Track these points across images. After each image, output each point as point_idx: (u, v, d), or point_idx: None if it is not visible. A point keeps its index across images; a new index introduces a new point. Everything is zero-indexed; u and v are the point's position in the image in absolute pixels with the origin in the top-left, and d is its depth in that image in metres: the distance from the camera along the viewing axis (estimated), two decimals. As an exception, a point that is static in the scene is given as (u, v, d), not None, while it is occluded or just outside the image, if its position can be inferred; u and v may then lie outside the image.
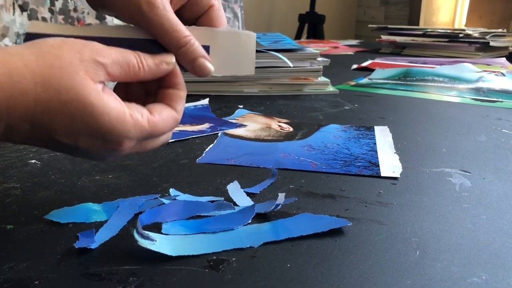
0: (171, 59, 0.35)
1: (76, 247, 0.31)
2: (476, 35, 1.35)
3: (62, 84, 0.29)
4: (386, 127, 0.62)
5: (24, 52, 0.28)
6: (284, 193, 0.38)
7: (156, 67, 0.34)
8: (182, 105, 0.36)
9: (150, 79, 0.34)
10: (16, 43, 1.24)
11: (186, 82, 0.52)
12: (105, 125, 0.30)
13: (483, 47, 1.33)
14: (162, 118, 0.34)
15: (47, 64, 0.28)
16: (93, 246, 0.32)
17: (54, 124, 0.29)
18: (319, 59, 0.83)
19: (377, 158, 0.50)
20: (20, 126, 0.29)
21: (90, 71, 0.30)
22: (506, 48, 1.41)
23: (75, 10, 1.33)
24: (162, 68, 0.35)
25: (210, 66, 0.37)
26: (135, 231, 0.31)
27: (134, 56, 0.33)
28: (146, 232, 0.31)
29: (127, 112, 0.31)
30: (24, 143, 0.31)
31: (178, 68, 0.36)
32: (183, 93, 0.37)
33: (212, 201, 0.38)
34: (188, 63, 0.36)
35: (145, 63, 0.33)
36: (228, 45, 0.38)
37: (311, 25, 2.73)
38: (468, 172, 0.47)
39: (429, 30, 1.46)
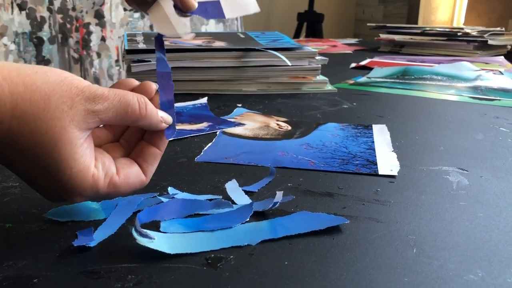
0: (171, 120, 0.35)
1: (75, 245, 0.31)
2: (474, 33, 1.35)
3: (39, 126, 0.28)
4: (384, 125, 0.62)
5: (16, 81, 0.28)
6: (282, 191, 0.39)
7: (156, 124, 0.34)
8: (155, 165, 0.35)
9: (146, 125, 0.34)
10: (14, 42, 1.24)
11: (185, 81, 0.52)
12: (63, 178, 0.29)
13: (482, 46, 1.33)
14: (127, 182, 0.33)
15: (32, 101, 0.28)
16: (92, 244, 0.32)
17: (17, 157, 0.29)
18: (318, 57, 0.84)
19: (375, 156, 0.51)
20: None
21: (76, 119, 0.29)
22: (504, 46, 1.41)
23: (73, 9, 1.33)
24: (160, 126, 0.34)
25: (193, 1, 0.38)
26: (133, 229, 0.31)
27: (135, 99, 0.32)
28: (145, 230, 0.32)
29: (91, 171, 0.31)
30: None
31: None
32: (160, 153, 0.35)
33: (211, 200, 0.38)
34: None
35: (148, 110, 0.32)
36: None
37: (310, 24, 2.73)
38: (466, 170, 0.47)
39: (428, 28, 1.46)
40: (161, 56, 0.37)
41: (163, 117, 0.34)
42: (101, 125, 0.33)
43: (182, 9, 0.39)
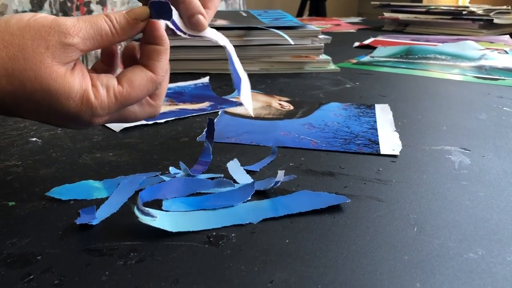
0: (145, 13, 0.33)
1: (78, 223, 0.32)
2: (480, 12, 1.33)
3: (26, 75, 0.29)
4: (387, 105, 0.62)
5: None
6: (284, 171, 0.39)
7: (131, 28, 0.33)
8: (163, 60, 0.34)
9: (127, 39, 0.34)
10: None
11: (186, 60, 0.52)
12: (70, 108, 0.31)
13: (487, 25, 1.32)
14: (134, 86, 0.33)
15: (10, 56, 0.29)
16: (94, 222, 0.32)
17: (23, 110, 0.31)
18: (321, 36, 0.83)
19: (377, 136, 0.51)
20: None
21: (57, 55, 0.30)
22: (510, 25, 1.40)
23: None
24: (138, 27, 0.33)
25: (205, 23, 0.36)
26: (135, 207, 0.31)
27: (105, 23, 0.32)
28: (147, 208, 0.32)
29: (91, 92, 0.31)
30: None
31: (158, 22, 0.34)
32: (163, 48, 0.34)
33: (212, 179, 0.38)
34: (185, 18, 0.36)
35: (117, 27, 0.32)
36: None
37: (313, 3, 2.69)
38: (468, 150, 0.47)
39: (432, 7, 1.44)
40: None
41: (135, 16, 0.33)
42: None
43: (190, 30, 0.36)
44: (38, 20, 0.30)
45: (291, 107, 0.61)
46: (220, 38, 0.38)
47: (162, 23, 0.35)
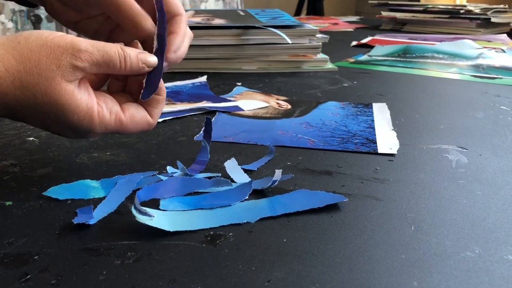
0: (154, 62, 0.37)
1: (75, 223, 0.31)
2: (477, 11, 1.33)
3: (38, 89, 0.32)
4: (385, 104, 0.62)
5: (7, 56, 0.32)
6: (281, 170, 0.39)
7: (138, 69, 0.36)
8: (160, 108, 0.38)
9: (129, 74, 0.37)
10: (12, 20, 1.22)
11: (184, 59, 0.52)
12: (73, 122, 0.34)
13: (484, 24, 1.32)
14: (133, 121, 0.37)
15: (26, 70, 0.32)
16: (92, 222, 0.32)
17: (30, 117, 0.34)
18: (318, 35, 0.83)
19: (375, 135, 0.51)
20: (0, 113, 0.33)
21: (66, 75, 0.32)
22: (507, 24, 1.40)
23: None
24: (143, 71, 0.37)
25: (153, 61, 0.37)
26: (133, 207, 0.31)
27: (117, 56, 0.35)
28: (144, 208, 0.32)
29: (95, 110, 0.34)
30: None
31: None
32: (161, 98, 0.38)
33: (210, 178, 0.38)
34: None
35: (127, 64, 0.35)
36: None
37: (311, 1, 2.69)
38: (465, 149, 0.47)
39: (430, 6, 1.44)
40: None
41: (145, 62, 0.36)
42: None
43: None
44: (55, 40, 0.33)
45: (289, 106, 0.61)
46: None
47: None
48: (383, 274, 0.28)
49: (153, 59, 0.37)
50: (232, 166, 0.41)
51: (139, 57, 0.36)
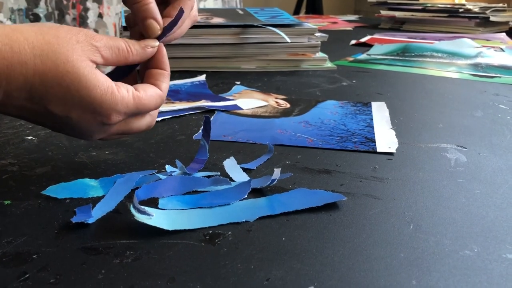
0: (155, 42, 0.38)
1: (73, 222, 0.31)
2: (476, 10, 1.33)
3: (60, 57, 0.31)
4: (383, 102, 0.62)
5: (25, 29, 0.31)
6: (280, 169, 0.39)
7: (143, 50, 0.37)
8: (167, 83, 0.39)
9: (139, 61, 0.37)
10: (10, 18, 1.22)
11: (183, 58, 0.52)
12: (96, 97, 0.33)
13: (483, 22, 1.32)
14: (147, 95, 0.36)
15: (46, 40, 0.31)
16: (90, 221, 0.32)
17: (50, 94, 0.32)
18: (317, 34, 0.83)
19: (374, 133, 0.51)
20: (17, 94, 0.31)
21: (86, 51, 0.33)
22: (506, 23, 1.40)
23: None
24: (148, 51, 0.37)
25: (157, 28, 0.38)
26: (131, 206, 0.31)
27: (122, 41, 0.36)
28: (143, 207, 0.32)
29: (115, 87, 0.34)
30: (19, 115, 0.33)
31: (163, 50, 0.39)
32: (166, 72, 0.39)
33: (209, 177, 0.38)
34: (139, 20, 0.38)
35: (132, 47, 0.36)
36: None
37: (310, 0, 2.69)
38: (464, 148, 0.47)
39: (429, 5, 1.44)
40: None
41: (147, 44, 0.37)
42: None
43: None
44: (69, 27, 0.34)
45: (288, 105, 0.61)
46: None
47: None
48: (382, 273, 0.28)
49: (154, 41, 0.38)
50: (231, 165, 0.41)
51: (141, 42, 0.37)
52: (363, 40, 1.15)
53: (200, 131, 0.47)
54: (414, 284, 0.27)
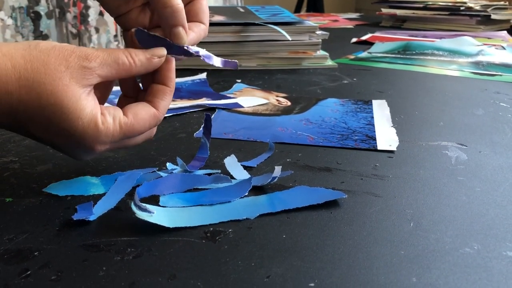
0: (163, 52, 0.36)
1: (75, 219, 0.32)
2: (477, 8, 1.33)
3: (44, 88, 0.31)
4: (384, 101, 0.62)
5: (15, 53, 0.31)
6: (281, 166, 0.39)
7: (148, 61, 0.35)
8: (167, 101, 0.37)
9: (144, 73, 0.36)
10: (11, 17, 1.22)
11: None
12: (77, 129, 0.32)
13: (484, 20, 1.31)
14: (138, 119, 0.35)
15: (33, 69, 0.31)
16: (91, 218, 0.32)
17: (33, 122, 0.32)
18: (318, 32, 0.83)
19: (374, 131, 0.51)
20: (3, 119, 0.32)
21: (75, 76, 0.32)
22: (507, 21, 1.40)
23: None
24: (154, 62, 0.36)
25: (185, 37, 0.36)
26: (132, 203, 0.31)
27: (123, 54, 0.34)
28: (144, 204, 0.32)
29: (99, 119, 0.33)
30: (10, 130, 0.34)
31: (172, 64, 0.37)
32: (169, 89, 0.37)
33: (209, 174, 0.38)
34: (167, 27, 0.36)
35: (136, 59, 0.34)
36: None
37: (311, -2, 2.69)
38: (465, 146, 0.47)
39: (430, 3, 1.44)
40: None
41: (153, 54, 0.35)
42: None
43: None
44: (63, 45, 0.32)
45: (289, 103, 0.61)
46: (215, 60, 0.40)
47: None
48: (382, 270, 0.28)
49: (162, 50, 0.36)
50: (231, 163, 0.41)
51: (146, 52, 0.35)
52: (364, 38, 1.15)
53: (201, 129, 0.48)
54: (414, 281, 0.27)
